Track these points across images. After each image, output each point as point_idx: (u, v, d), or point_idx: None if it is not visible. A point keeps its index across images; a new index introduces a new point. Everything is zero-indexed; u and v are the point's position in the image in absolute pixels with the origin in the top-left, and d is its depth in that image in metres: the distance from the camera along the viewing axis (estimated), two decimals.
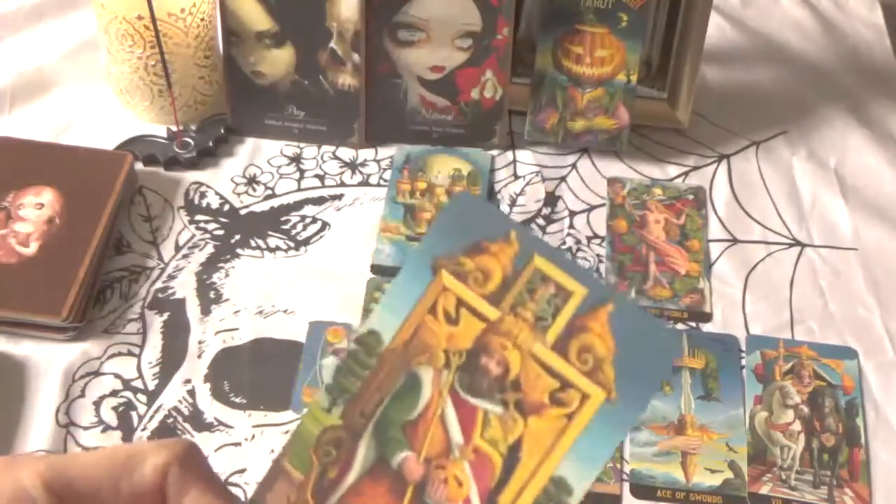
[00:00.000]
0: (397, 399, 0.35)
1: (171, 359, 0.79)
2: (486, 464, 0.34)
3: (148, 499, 0.34)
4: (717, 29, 1.09)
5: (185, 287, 0.84)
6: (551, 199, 0.92)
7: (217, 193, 0.91)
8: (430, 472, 0.34)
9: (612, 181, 0.93)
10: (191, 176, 0.92)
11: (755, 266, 0.88)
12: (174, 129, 0.94)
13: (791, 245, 0.90)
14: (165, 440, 0.35)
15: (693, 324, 0.83)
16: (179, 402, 0.76)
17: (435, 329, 0.35)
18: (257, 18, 0.91)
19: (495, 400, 0.34)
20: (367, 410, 0.35)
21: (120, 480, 0.34)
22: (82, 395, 0.76)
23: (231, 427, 0.75)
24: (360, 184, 0.93)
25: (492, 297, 0.35)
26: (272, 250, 0.87)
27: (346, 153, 0.95)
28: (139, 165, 0.92)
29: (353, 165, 0.94)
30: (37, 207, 0.84)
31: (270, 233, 0.88)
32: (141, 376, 0.78)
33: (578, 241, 0.89)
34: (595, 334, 0.33)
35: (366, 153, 0.95)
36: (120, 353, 0.79)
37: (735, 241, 0.90)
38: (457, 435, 0.34)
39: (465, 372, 0.35)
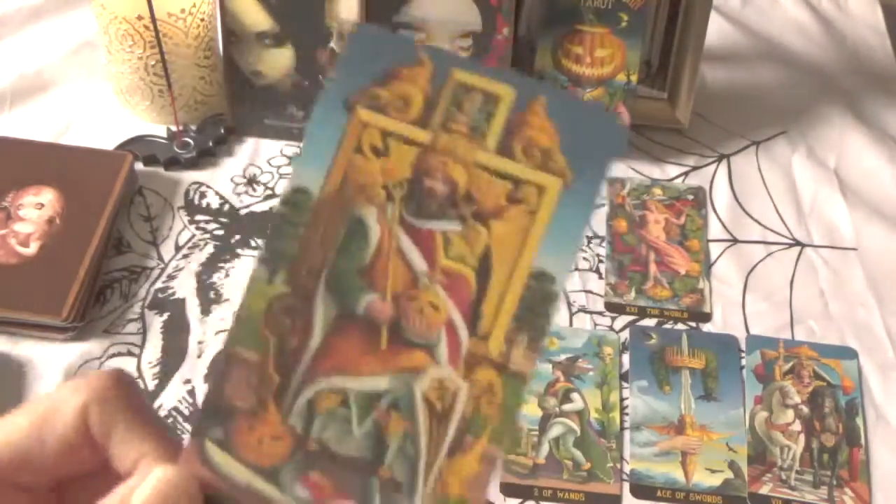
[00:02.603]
0: (345, 248, 0.33)
1: (171, 359, 0.79)
2: (460, 281, 0.32)
3: (81, 446, 0.31)
4: (717, 29, 1.09)
5: (185, 287, 0.84)
6: None
7: (217, 193, 0.91)
8: (401, 306, 0.32)
9: (612, 181, 0.93)
10: (191, 176, 0.92)
11: (755, 266, 0.88)
12: (174, 129, 0.94)
13: (791, 245, 0.90)
14: (82, 378, 0.32)
15: (693, 324, 0.83)
16: (179, 401, 0.76)
17: (366, 167, 0.33)
18: (257, 18, 0.91)
19: (450, 217, 0.32)
20: (314, 268, 0.33)
21: (44, 437, 0.31)
22: None
23: None
24: None
25: (418, 121, 0.32)
26: None
27: None
28: (139, 165, 0.92)
29: None
30: (37, 207, 0.84)
31: None
32: (141, 376, 0.77)
33: None
34: (535, 128, 0.32)
35: None
36: (120, 353, 0.79)
37: (735, 241, 0.90)
38: (420, 263, 0.32)
39: (411, 200, 0.32)
